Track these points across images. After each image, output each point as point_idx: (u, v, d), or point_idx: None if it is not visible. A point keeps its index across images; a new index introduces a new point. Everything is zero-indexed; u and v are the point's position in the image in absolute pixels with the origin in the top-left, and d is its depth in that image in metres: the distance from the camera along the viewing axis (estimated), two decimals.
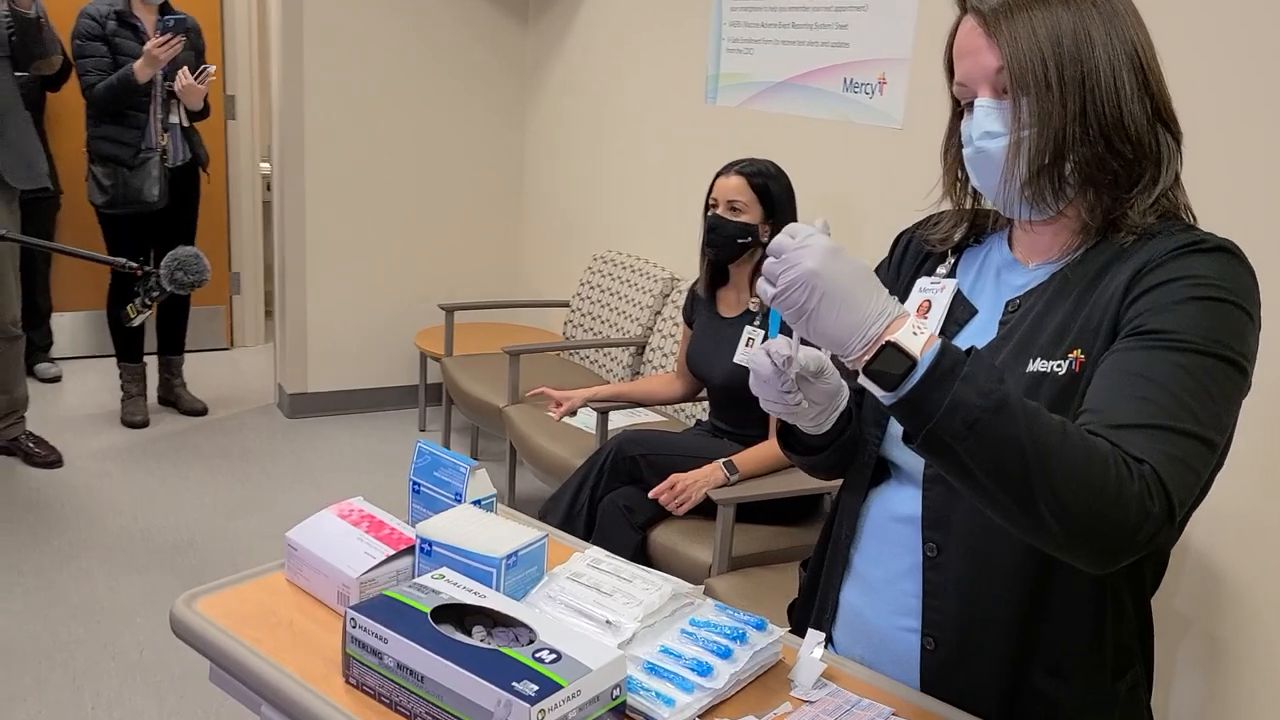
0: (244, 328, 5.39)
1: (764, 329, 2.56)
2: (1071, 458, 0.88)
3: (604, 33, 4.09)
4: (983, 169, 1.10)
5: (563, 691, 0.99)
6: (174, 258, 2.11)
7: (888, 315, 0.92)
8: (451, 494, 1.35)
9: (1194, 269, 1.00)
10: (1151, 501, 0.89)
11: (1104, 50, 1.04)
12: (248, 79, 5.13)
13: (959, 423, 0.88)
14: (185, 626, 1.21)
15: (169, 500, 3.58)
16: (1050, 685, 1.11)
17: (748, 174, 2.56)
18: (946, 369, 0.89)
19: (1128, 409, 0.94)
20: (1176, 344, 0.96)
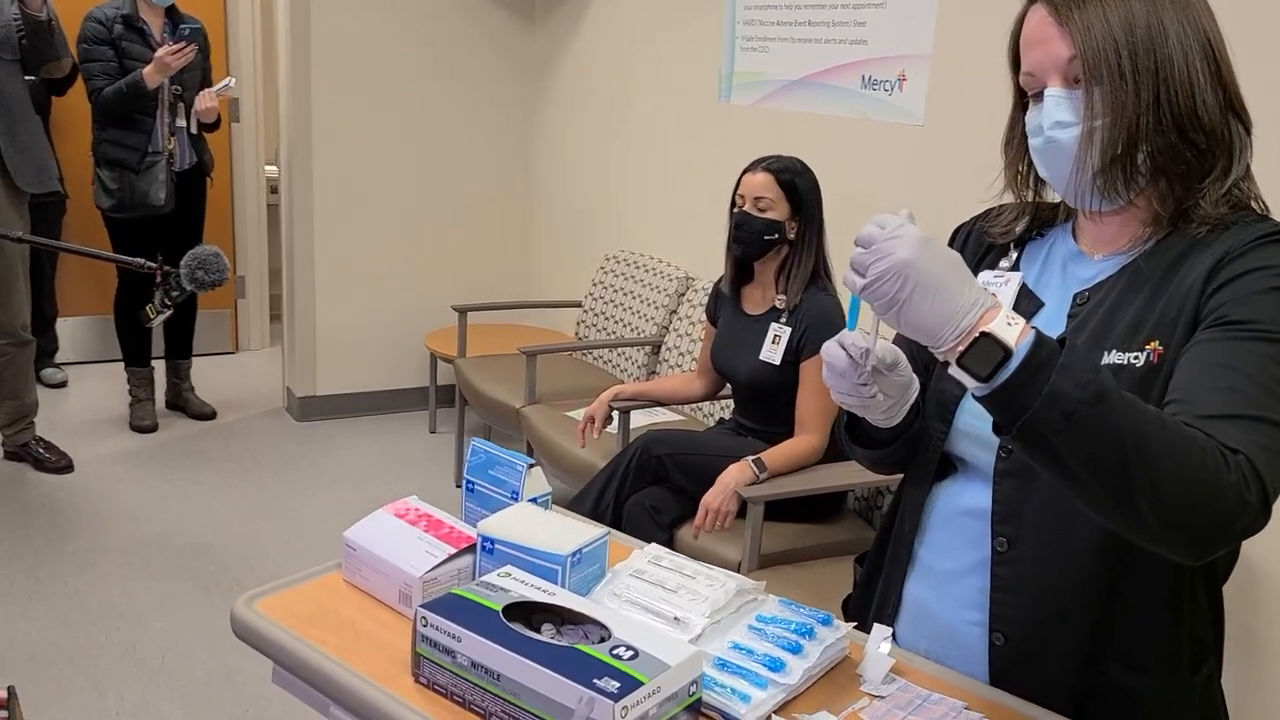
0: (249, 331, 5.37)
1: (790, 326, 2.55)
2: (1170, 449, 0.88)
3: (613, 31, 4.08)
4: (1053, 159, 1.10)
5: (644, 688, 0.98)
6: (194, 257, 2.09)
7: (981, 305, 0.91)
8: (508, 492, 1.34)
9: (1274, 259, 1.00)
10: (1249, 491, 0.89)
11: (1177, 39, 1.04)
12: (251, 82, 5.11)
13: (1057, 414, 0.87)
14: (248, 627, 1.20)
15: (182, 505, 3.56)
16: (1127, 679, 1.10)
17: (775, 170, 2.55)
18: (1043, 359, 0.88)
19: (1217, 400, 0.94)
20: (1261, 334, 0.96)
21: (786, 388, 2.55)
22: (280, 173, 4.46)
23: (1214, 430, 0.91)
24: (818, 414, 2.49)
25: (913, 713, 1.11)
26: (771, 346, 2.55)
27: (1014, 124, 1.18)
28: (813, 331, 2.49)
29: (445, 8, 4.36)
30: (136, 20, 3.83)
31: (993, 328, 0.90)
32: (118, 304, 4.15)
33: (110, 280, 4.21)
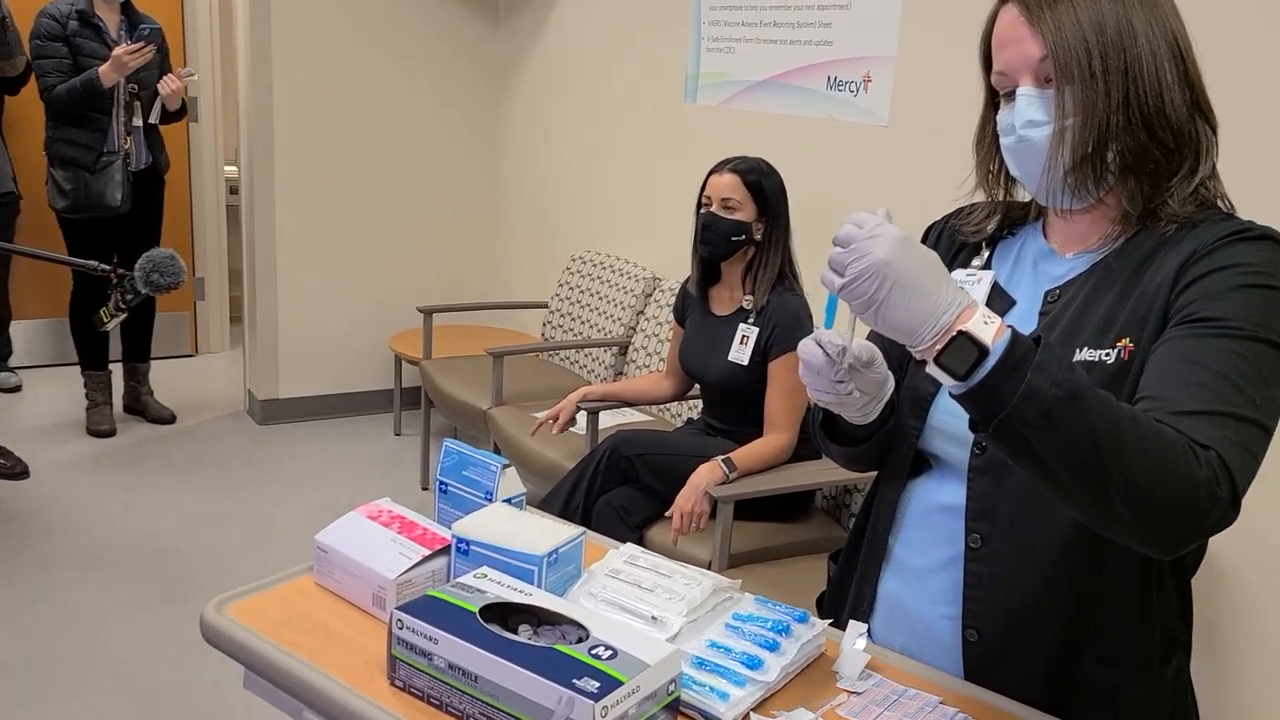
0: (209, 334, 5.30)
1: (757, 326, 2.56)
2: (1143, 445, 0.89)
3: (579, 32, 4.07)
4: (1024, 158, 1.11)
5: (624, 687, 0.98)
6: (149, 259, 2.06)
7: (958, 305, 0.92)
8: (482, 493, 1.33)
9: (1242, 256, 1.01)
10: (1219, 487, 0.91)
11: (1146, 40, 1.05)
12: (210, 81, 5.04)
13: (1033, 411, 0.88)
14: (218, 632, 1.18)
15: (143, 510, 3.51)
16: (1100, 673, 1.11)
17: (741, 171, 2.56)
18: (1019, 358, 0.89)
19: (1188, 396, 0.95)
20: (1230, 331, 0.98)
21: (755, 388, 2.56)
22: (240, 173, 4.40)
23: (1185, 427, 0.93)
24: (786, 413, 2.51)
25: (889, 708, 1.12)
26: (739, 347, 2.56)
27: (985, 123, 1.19)
28: (780, 331, 2.50)
29: (409, 7, 4.33)
30: (92, 16, 3.76)
31: (970, 327, 0.90)
32: (73, 306, 4.08)
33: (65, 282, 4.14)
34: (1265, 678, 2.09)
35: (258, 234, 4.23)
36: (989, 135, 1.18)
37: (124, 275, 2.17)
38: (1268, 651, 2.08)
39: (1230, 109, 1.17)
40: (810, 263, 2.66)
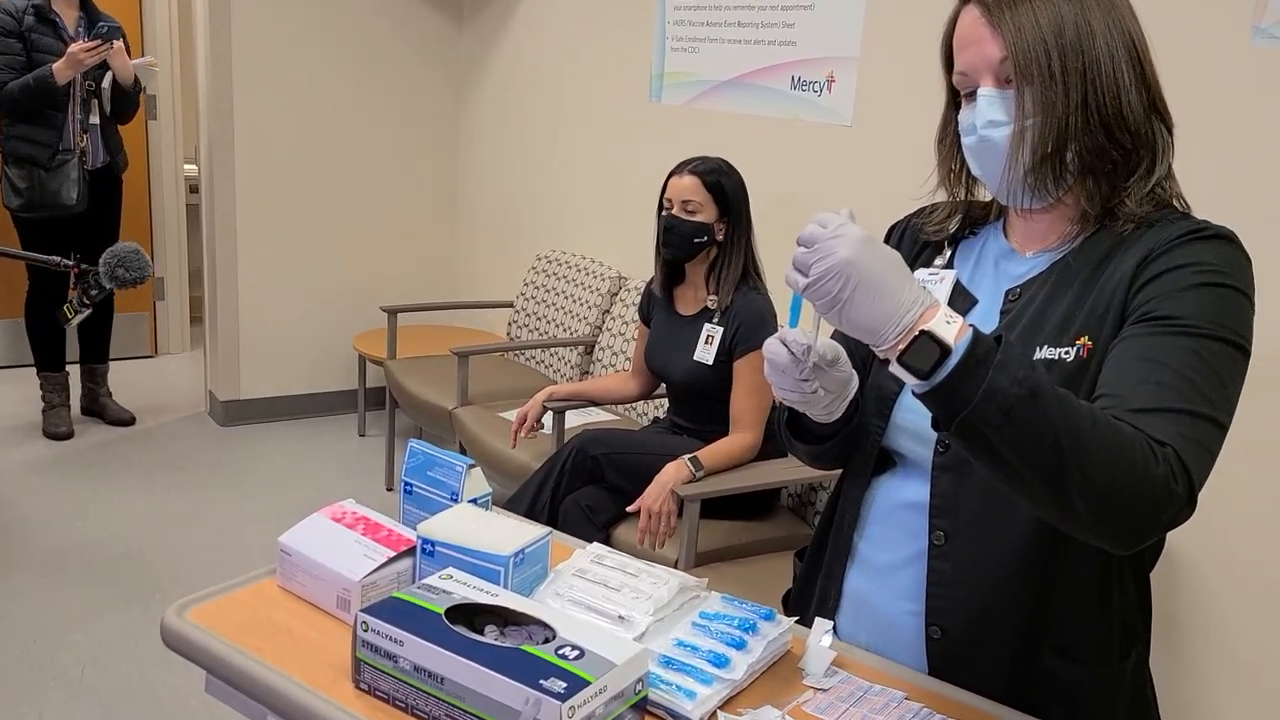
0: (169, 334, 5.23)
1: (722, 326, 2.56)
2: (1102, 442, 0.90)
3: (543, 31, 4.06)
4: (985, 158, 1.12)
5: (591, 687, 0.98)
6: (113, 253, 2.03)
7: (921, 304, 0.92)
8: (447, 493, 1.32)
9: (1198, 256, 1.03)
10: (1175, 483, 0.92)
11: (1104, 41, 1.06)
12: (169, 79, 4.98)
13: (994, 410, 0.89)
14: (179, 637, 1.16)
15: (100, 513, 3.45)
16: (1061, 667, 1.13)
17: (700, 173, 2.56)
18: (980, 356, 0.90)
19: (1145, 393, 0.96)
20: (1186, 329, 0.99)
21: (720, 387, 2.57)
22: (200, 171, 4.35)
23: (1143, 423, 0.94)
24: (751, 411, 2.51)
25: (854, 704, 1.12)
26: (705, 347, 2.57)
27: (947, 123, 1.20)
28: (745, 330, 2.51)
29: (372, 5, 4.30)
30: (49, 12, 3.71)
31: (932, 326, 0.91)
32: (29, 306, 4.01)
33: (20, 281, 4.07)
34: (1221, 669, 2.13)
35: (218, 233, 4.17)
36: (950, 135, 1.19)
37: (88, 270, 2.14)
38: (1224, 643, 2.12)
39: (1184, 110, 1.18)
40: (775, 263, 2.67)
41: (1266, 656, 2.06)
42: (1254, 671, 2.08)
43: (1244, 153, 2.03)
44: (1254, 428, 1.64)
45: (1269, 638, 2.06)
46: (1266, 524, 2.03)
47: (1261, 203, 2.01)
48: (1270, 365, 1.81)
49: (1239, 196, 2.02)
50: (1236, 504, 2.04)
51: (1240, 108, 2.03)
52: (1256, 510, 2.04)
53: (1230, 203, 1.90)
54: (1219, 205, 1.29)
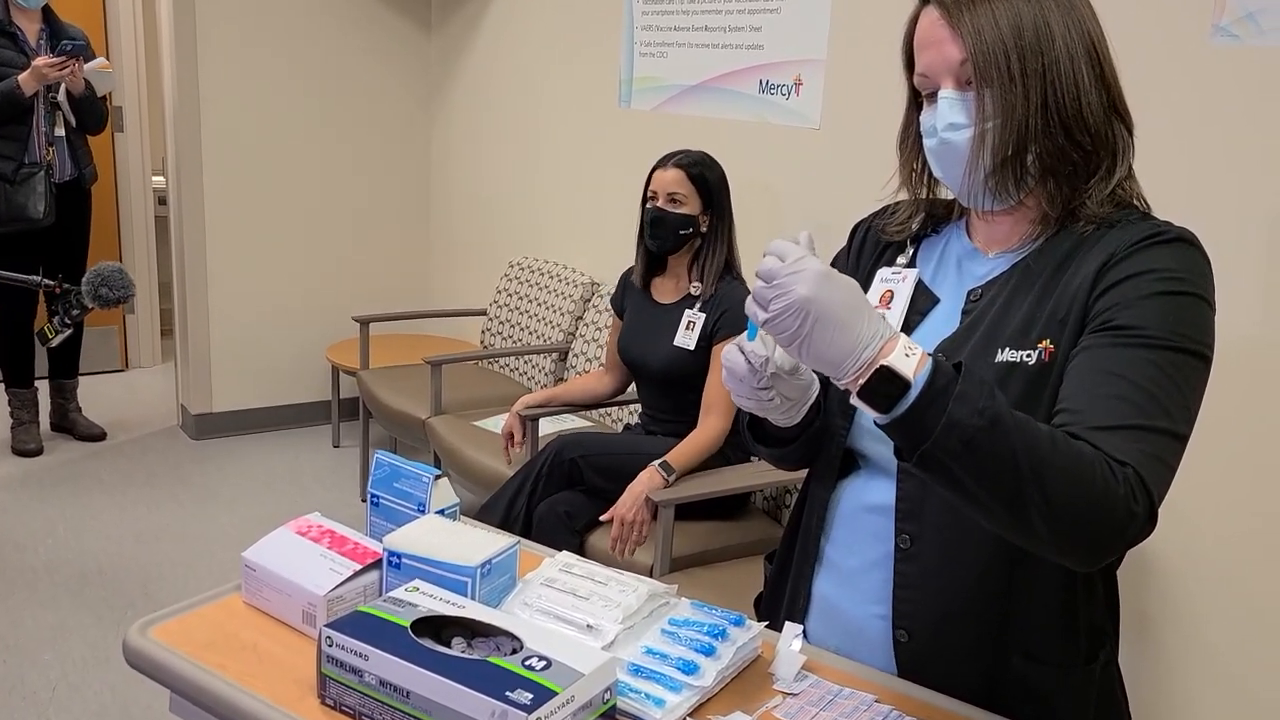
0: (140, 348, 5.18)
1: (704, 313, 2.57)
2: (1062, 466, 0.91)
3: (512, 37, 4.06)
4: (947, 160, 1.12)
5: (558, 698, 0.97)
6: (97, 273, 2.02)
7: (880, 337, 0.92)
8: (414, 505, 1.31)
9: (1158, 262, 1.03)
10: (1135, 503, 0.93)
11: (1063, 42, 1.07)
12: (135, 90, 4.93)
13: (955, 441, 0.89)
14: (142, 656, 1.15)
15: (71, 530, 3.41)
16: (1029, 669, 1.13)
17: (685, 165, 2.59)
18: (940, 388, 0.90)
19: (1105, 409, 0.97)
20: (1147, 340, 0.99)
21: (697, 374, 2.57)
22: (168, 183, 4.31)
23: (1103, 442, 0.95)
24: (723, 397, 2.51)
25: (824, 709, 1.12)
26: (686, 332, 2.58)
27: (908, 123, 1.20)
28: (729, 316, 2.53)
29: (339, 13, 4.28)
30: (9, 25, 3.66)
31: (891, 360, 0.91)
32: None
33: None
34: (1193, 664, 2.14)
35: (187, 245, 4.14)
36: (912, 135, 1.19)
37: (70, 290, 2.13)
38: (1195, 639, 2.13)
39: (1143, 108, 1.19)
40: (746, 263, 2.69)
41: (1236, 647, 2.08)
42: (1224, 661, 2.10)
43: (1203, 150, 2.05)
44: (1220, 425, 1.65)
45: (1238, 630, 2.07)
46: (1234, 519, 2.05)
47: (1220, 200, 2.03)
48: (1234, 363, 1.83)
49: (1198, 194, 2.04)
50: (1204, 500, 2.05)
51: (1199, 106, 2.05)
52: (1224, 506, 2.06)
53: (1189, 200, 1.92)
54: (1178, 203, 1.30)
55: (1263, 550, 2.02)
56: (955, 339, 1.14)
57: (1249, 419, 1.99)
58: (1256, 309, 1.98)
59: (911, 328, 1.19)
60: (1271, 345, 1.97)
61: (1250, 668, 2.07)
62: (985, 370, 1.09)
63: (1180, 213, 1.15)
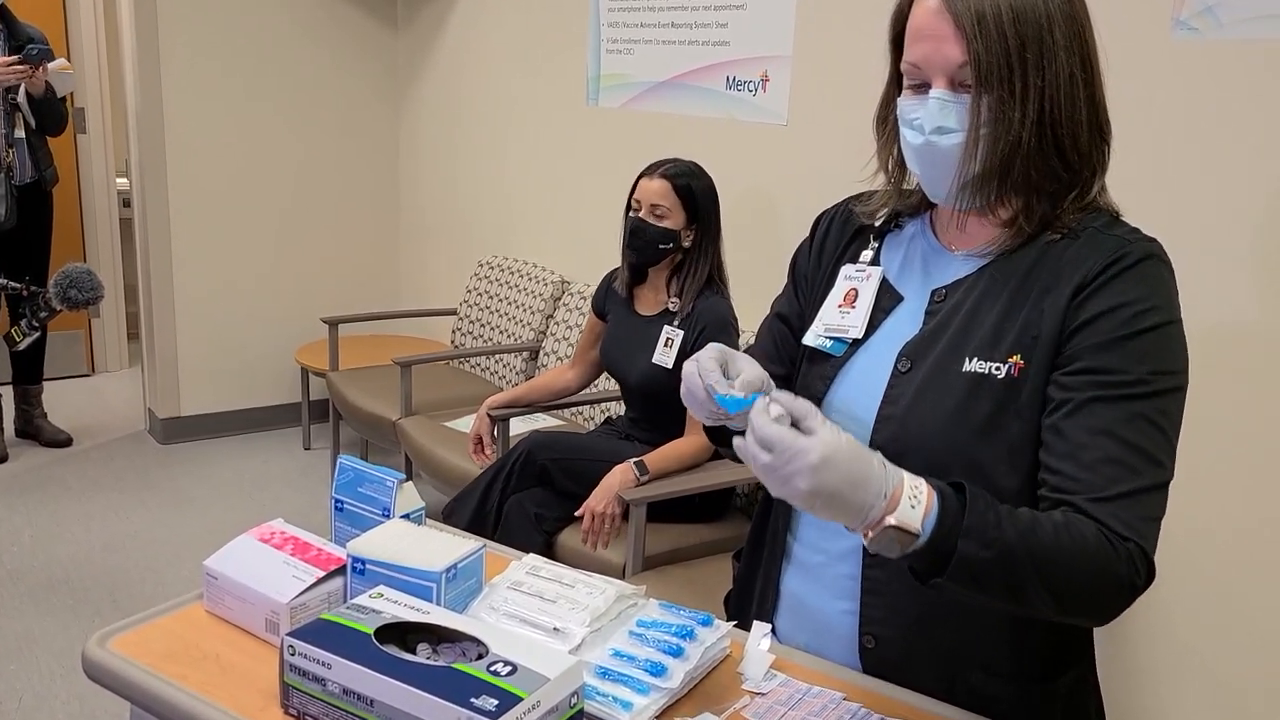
0: (105, 352, 5.12)
1: (683, 330, 2.53)
2: (1067, 563, 0.96)
3: (479, 35, 4.03)
4: (928, 160, 1.08)
5: (523, 704, 0.96)
6: (65, 275, 1.99)
7: (883, 497, 0.93)
8: (379, 509, 1.30)
9: (1128, 293, 1.02)
10: (1138, 575, 0.98)
11: (1064, 56, 1.03)
12: (97, 90, 4.87)
13: (966, 575, 0.94)
14: (100, 668, 1.13)
15: (37, 537, 3.37)
16: (987, 683, 1.13)
17: (671, 176, 2.52)
18: (948, 529, 0.93)
19: (1103, 477, 0.99)
20: (1131, 391, 1.00)
21: (677, 391, 2.54)
22: (132, 185, 4.26)
23: (1104, 515, 0.98)
24: None
25: (793, 707, 1.12)
26: (664, 350, 2.54)
27: (887, 102, 1.15)
28: (708, 334, 2.48)
29: (303, 9, 4.24)
30: None
31: (897, 518, 0.93)
32: None
33: None
34: (1168, 670, 2.15)
35: (153, 247, 4.09)
36: (891, 118, 1.14)
37: (37, 292, 2.10)
38: (1170, 644, 2.15)
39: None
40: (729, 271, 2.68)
41: (1212, 647, 2.10)
42: (1200, 661, 2.12)
43: (1163, 144, 2.06)
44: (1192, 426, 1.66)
45: (1215, 630, 2.09)
46: (1207, 517, 2.06)
47: (1180, 194, 2.04)
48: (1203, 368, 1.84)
49: (1158, 188, 2.05)
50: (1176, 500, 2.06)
51: (1160, 100, 2.06)
52: (1195, 505, 2.07)
53: (1150, 195, 1.94)
54: (1138, 198, 1.31)
55: (1237, 549, 2.04)
56: (920, 341, 1.14)
57: (1220, 420, 2.00)
58: (1214, 303, 2.00)
59: (875, 325, 1.19)
60: (1227, 339, 1.99)
61: (1228, 667, 2.09)
62: (953, 380, 1.08)
63: (1140, 206, 1.15)
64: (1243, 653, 2.05)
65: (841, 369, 1.19)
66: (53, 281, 2.01)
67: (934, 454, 1.08)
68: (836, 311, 1.20)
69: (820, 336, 1.21)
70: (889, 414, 1.13)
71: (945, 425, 1.08)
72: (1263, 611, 2.01)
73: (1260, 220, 1.96)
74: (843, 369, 1.19)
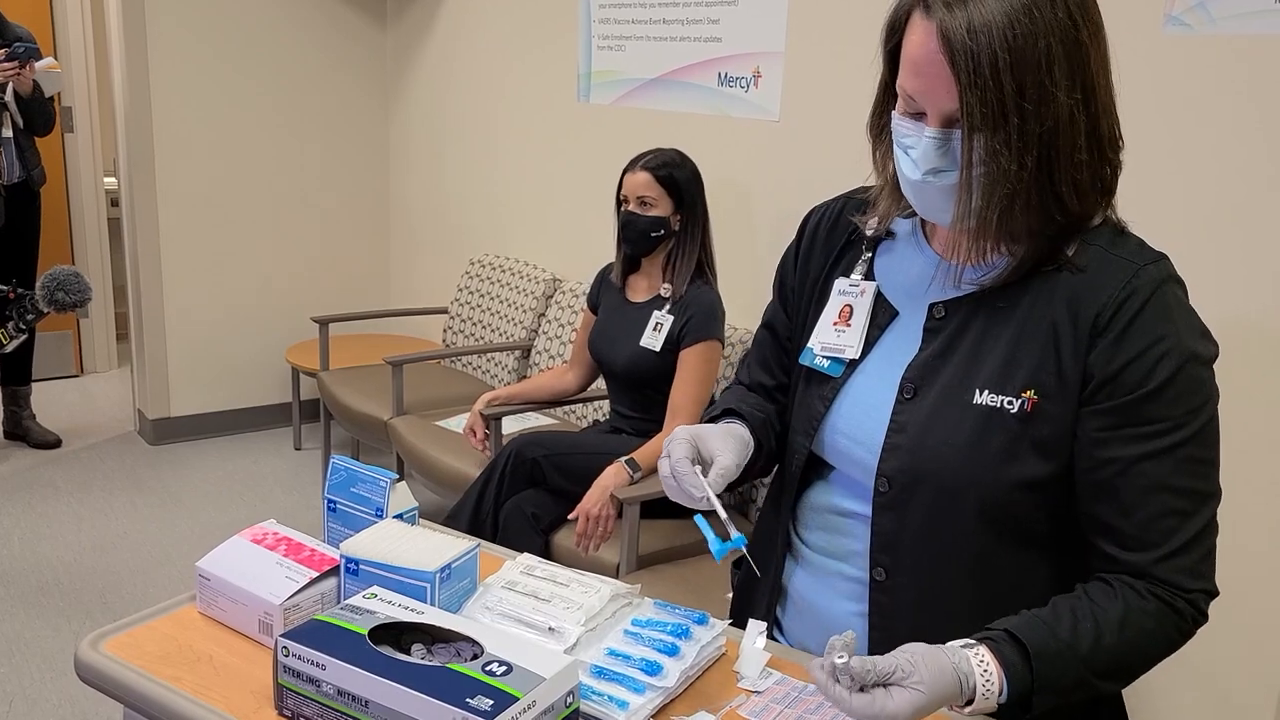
0: (94, 353, 5.09)
1: (673, 315, 2.56)
2: (1138, 658, 1.03)
3: (468, 31, 4.02)
4: (925, 198, 1.05)
5: (519, 704, 0.96)
6: (52, 277, 1.98)
7: (964, 694, 0.97)
8: (372, 509, 1.29)
9: (1147, 335, 1.01)
10: (1201, 615, 1.04)
11: (1065, 94, 0.97)
12: (85, 89, 4.84)
13: (1046, 713, 1.00)
14: (93, 670, 1.12)
15: (26, 540, 3.35)
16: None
17: (653, 168, 2.58)
18: (1020, 697, 0.98)
19: (1164, 531, 1.02)
20: (1175, 439, 1.01)
21: (663, 375, 2.56)
22: (120, 184, 4.24)
23: (1169, 573, 1.02)
24: (690, 402, 2.51)
25: (789, 705, 1.12)
26: (653, 333, 2.57)
27: (881, 110, 1.11)
28: (695, 321, 2.52)
29: (291, 6, 4.22)
30: None
31: (975, 708, 0.98)
32: None
33: None
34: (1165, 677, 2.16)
35: (141, 247, 4.07)
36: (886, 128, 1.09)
37: (24, 294, 2.09)
38: None
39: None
40: (719, 261, 2.69)
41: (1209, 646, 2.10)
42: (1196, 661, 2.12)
43: (1156, 140, 2.06)
44: None
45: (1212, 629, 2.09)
46: None
47: (1174, 190, 2.05)
48: None
49: (1147, 182, 2.06)
50: None
51: (1152, 95, 2.06)
52: None
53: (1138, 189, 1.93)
54: (1132, 195, 1.31)
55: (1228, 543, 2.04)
56: (924, 366, 1.11)
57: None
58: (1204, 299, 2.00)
59: (872, 343, 1.16)
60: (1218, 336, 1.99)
61: (1215, 661, 2.09)
62: (962, 413, 1.06)
63: (1135, 204, 1.15)
64: (1231, 646, 2.05)
65: (841, 389, 1.17)
66: (40, 284, 2.00)
67: (948, 486, 1.07)
68: (832, 330, 1.18)
69: (817, 357, 1.19)
70: (897, 443, 1.11)
71: (959, 459, 1.06)
72: (1252, 606, 2.02)
73: (1251, 216, 1.96)
74: (842, 389, 1.17)
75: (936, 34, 0.97)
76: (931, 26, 0.98)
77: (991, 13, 0.95)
